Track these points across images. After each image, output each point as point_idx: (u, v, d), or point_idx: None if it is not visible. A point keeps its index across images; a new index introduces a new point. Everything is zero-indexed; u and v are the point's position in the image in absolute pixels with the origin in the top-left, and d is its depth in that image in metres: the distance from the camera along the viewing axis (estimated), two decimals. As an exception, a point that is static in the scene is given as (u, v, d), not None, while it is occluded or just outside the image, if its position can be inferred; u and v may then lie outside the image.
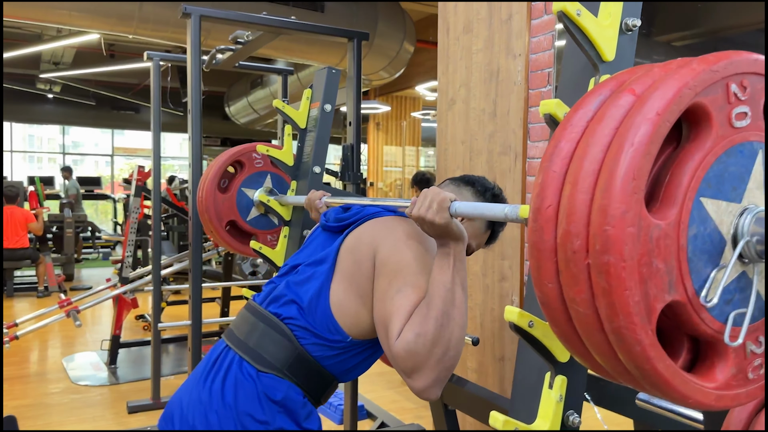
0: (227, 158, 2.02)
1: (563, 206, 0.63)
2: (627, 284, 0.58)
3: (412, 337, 1.02)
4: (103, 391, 4.12)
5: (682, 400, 0.64)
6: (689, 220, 0.63)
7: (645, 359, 0.60)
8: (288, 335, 1.16)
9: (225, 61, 3.59)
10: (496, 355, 2.20)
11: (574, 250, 0.61)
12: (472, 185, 1.33)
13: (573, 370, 0.89)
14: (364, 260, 1.18)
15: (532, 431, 0.86)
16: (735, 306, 0.67)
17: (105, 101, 12.17)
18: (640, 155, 0.59)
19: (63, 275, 7.96)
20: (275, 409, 1.13)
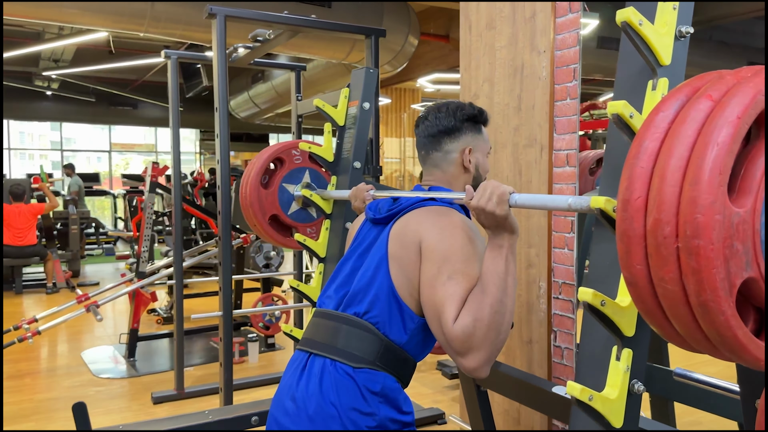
0: (269, 155, 2.11)
1: (652, 198, 0.73)
2: (714, 263, 0.68)
3: (470, 321, 1.12)
4: (125, 383, 4.21)
5: (755, 362, 0.75)
6: (762, 207, 0.73)
7: (727, 327, 0.71)
8: (372, 330, 1.25)
9: (242, 58, 3.66)
10: (523, 338, 2.31)
11: (665, 236, 0.71)
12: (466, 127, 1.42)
13: (637, 344, 1.00)
14: (410, 245, 1.27)
15: (605, 398, 0.96)
16: None
17: (103, 97, 12.17)
18: (725, 153, 0.69)
19: (69, 271, 8.02)
20: (377, 399, 1.22)
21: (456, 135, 1.41)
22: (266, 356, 4.86)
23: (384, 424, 1.23)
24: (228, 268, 2.99)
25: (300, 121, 3.90)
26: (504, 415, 2.42)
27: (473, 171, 1.43)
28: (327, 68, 6.97)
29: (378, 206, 1.45)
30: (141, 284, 4.57)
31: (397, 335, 1.26)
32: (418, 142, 1.47)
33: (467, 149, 1.41)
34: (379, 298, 1.27)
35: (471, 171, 1.43)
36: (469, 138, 1.42)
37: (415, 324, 1.26)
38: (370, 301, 1.27)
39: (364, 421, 1.21)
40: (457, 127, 1.41)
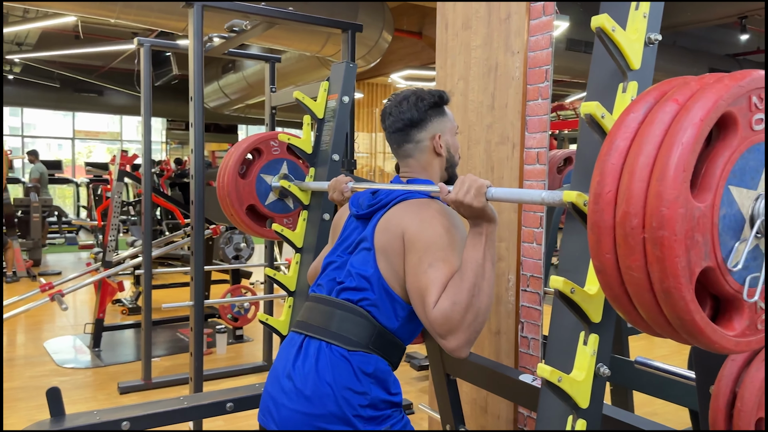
0: (247, 146, 2.13)
1: (622, 192, 0.79)
2: (677, 253, 0.75)
3: (449, 305, 1.19)
4: (89, 373, 4.17)
5: (711, 344, 0.82)
6: (720, 203, 0.80)
7: (687, 312, 0.77)
8: (365, 315, 1.32)
9: (216, 47, 3.65)
10: (492, 329, 2.38)
11: (632, 227, 0.77)
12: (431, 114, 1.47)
13: (603, 330, 1.06)
14: (394, 239, 1.34)
15: (573, 379, 1.03)
16: (750, 271, 0.85)
17: (67, 83, 11.89)
18: (689, 152, 0.75)
19: (30, 260, 7.84)
20: (370, 380, 1.30)
21: (423, 125, 1.47)
22: (234, 348, 4.86)
23: (375, 404, 1.31)
24: (200, 258, 2.99)
25: (274, 112, 3.91)
26: (472, 404, 2.49)
27: (445, 154, 1.50)
28: (300, 60, 6.96)
29: (359, 201, 1.50)
30: (107, 274, 4.51)
31: (389, 321, 1.33)
32: (388, 138, 1.52)
33: (436, 135, 1.47)
34: (371, 288, 1.34)
35: (443, 154, 1.50)
36: (436, 124, 1.48)
37: (405, 311, 1.34)
38: (363, 290, 1.34)
39: (356, 399, 1.28)
40: (422, 118, 1.47)
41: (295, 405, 1.32)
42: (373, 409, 1.32)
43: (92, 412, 1.70)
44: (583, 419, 1.04)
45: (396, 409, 1.38)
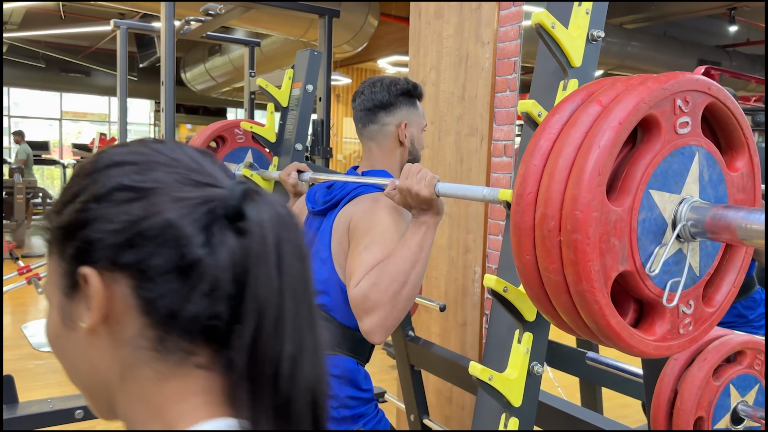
0: (210, 133, 2.10)
1: (541, 194, 0.79)
2: (590, 257, 0.74)
3: (368, 285, 1.16)
4: (66, 357, 4.16)
5: (628, 349, 0.81)
6: (640, 207, 0.79)
7: (601, 316, 0.77)
8: (328, 318, 1.33)
9: (194, 31, 3.62)
10: (458, 321, 2.39)
11: (549, 229, 0.77)
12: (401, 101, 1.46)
13: (538, 329, 1.06)
14: (343, 235, 1.33)
15: (505, 378, 1.02)
16: (672, 276, 0.84)
17: (54, 63, 11.75)
18: (605, 155, 0.74)
19: (14, 242, 7.79)
20: (339, 382, 1.31)
21: (391, 109, 1.45)
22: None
23: (344, 403, 1.32)
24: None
25: (253, 97, 3.87)
26: (437, 394, 2.50)
27: (408, 145, 1.48)
28: (285, 44, 6.90)
29: (315, 197, 1.49)
30: (86, 257, 4.49)
31: (351, 321, 1.31)
32: (355, 116, 1.50)
33: (403, 123, 1.45)
34: (328, 290, 1.34)
35: (406, 145, 1.47)
36: (405, 112, 1.46)
37: None
38: (322, 294, 1.34)
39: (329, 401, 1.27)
40: (392, 102, 1.45)
41: None
42: (345, 409, 1.33)
43: (46, 400, 1.69)
44: (516, 417, 1.04)
45: (369, 405, 1.39)
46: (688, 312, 0.88)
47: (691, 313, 0.89)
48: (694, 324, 0.90)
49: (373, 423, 1.38)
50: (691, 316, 0.89)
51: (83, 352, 0.48)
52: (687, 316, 0.88)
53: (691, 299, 0.88)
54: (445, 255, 2.43)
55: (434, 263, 2.48)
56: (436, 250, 2.47)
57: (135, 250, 0.44)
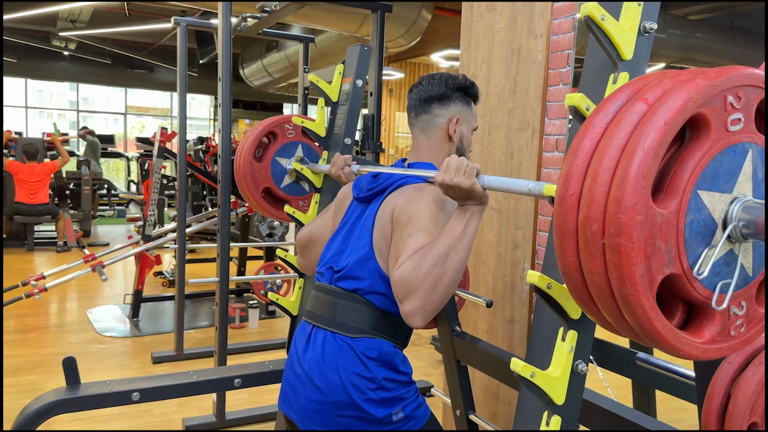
0: (262, 129, 2.15)
1: (584, 195, 0.77)
2: (634, 261, 0.73)
3: (409, 267, 1.16)
4: (127, 342, 4.34)
5: (675, 352, 0.79)
6: (687, 208, 0.77)
7: (646, 320, 0.75)
8: (364, 302, 1.35)
9: (250, 27, 3.69)
10: (506, 317, 2.36)
11: (593, 232, 0.75)
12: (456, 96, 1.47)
13: (583, 327, 1.04)
14: (386, 223, 1.35)
15: (547, 376, 1.01)
16: (722, 277, 0.81)
17: (119, 59, 12.22)
18: (650, 157, 0.72)
19: (80, 231, 8.17)
20: (375, 364, 1.32)
21: (445, 102, 1.46)
22: (266, 323, 4.97)
23: (382, 385, 1.33)
24: (226, 235, 3.06)
25: (306, 93, 3.93)
26: (484, 390, 2.49)
27: (457, 141, 1.48)
28: (339, 40, 6.95)
29: (360, 184, 1.51)
30: (146, 247, 4.67)
31: (388, 305, 1.34)
32: (409, 106, 1.52)
33: (455, 119, 1.46)
34: (368, 276, 1.35)
35: (455, 141, 1.48)
36: (458, 108, 1.47)
37: None
38: (360, 280, 1.35)
39: (365, 384, 1.31)
40: (447, 95, 1.46)
41: (308, 393, 1.36)
42: (383, 391, 1.33)
43: (105, 382, 1.77)
44: (558, 416, 1.03)
45: (408, 389, 1.39)
46: (740, 313, 0.86)
47: (743, 315, 0.86)
48: (746, 325, 0.87)
49: (413, 407, 1.39)
50: (743, 318, 0.86)
51: None
52: (738, 318, 0.85)
53: (743, 300, 0.85)
54: (494, 251, 2.40)
55: (482, 259, 2.46)
56: (485, 246, 2.45)
57: None
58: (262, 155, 2.16)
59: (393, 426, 1.33)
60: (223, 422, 3.05)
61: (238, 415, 3.10)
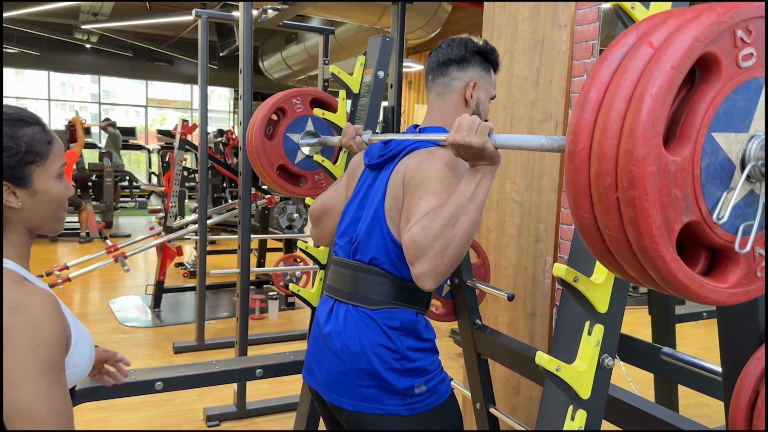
0: (270, 106, 2.11)
1: (594, 149, 0.74)
2: (650, 213, 0.70)
3: (419, 229, 1.15)
4: (149, 332, 4.39)
5: (700, 299, 0.77)
6: (702, 153, 0.74)
7: (667, 270, 0.73)
8: (382, 273, 1.33)
9: (271, 19, 3.69)
10: (527, 311, 2.35)
11: (605, 187, 0.72)
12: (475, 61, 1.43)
13: (609, 321, 1.03)
14: (398, 189, 1.33)
15: (573, 370, 1.00)
16: (744, 219, 0.78)
17: (141, 52, 12.33)
18: (658, 105, 0.68)
19: (103, 222, 8.28)
20: (398, 333, 1.32)
21: (464, 66, 1.43)
22: (286, 314, 5.00)
23: (405, 355, 1.32)
24: (247, 227, 3.08)
25: (326, 85, 3.92)
26: (504, 384, 2.48)
27: (473, 107, 1.44)
28: (359, 32, 6.93)
29: (372, 151, 1.48)
30: (167, 238, 4.71)
31: (405, 273, 1.33)
32: (427, 69, 1.49)
33: (472, 83, 1.43)
34: (381, 244, 1.34)
35: (471, 106, 1.44)
36: (476, 73, 1.44)
37: None
38: (374, 248, 1.34)
39: (388, 354, 1.30)
40: (465, 58, 1.43)
41: (331, 364, 1.36)
42: (407, 361, 1.33)
43: (129, 371, 1.79)
44: (584, 410, 1.02)
45: (433, 360, 1.38)
46: (764, 254, 0.82)
47: None
48: None
49: (436, 381, 1.37)
50: None
51: None
52: (764, 258, 0.82)
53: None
54: (515, 244, 2.39)
55: (503, 252, 2.44)
56: (506, 239, 2.43)
57: None
58: (273, 133, 2.12)
59: (415, 399, 1.32)
60: (243, 412, 3.08)
61: (258, 405, 3.13)
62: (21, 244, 1.00)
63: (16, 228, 1.00)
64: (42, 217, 1.01)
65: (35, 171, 0.99)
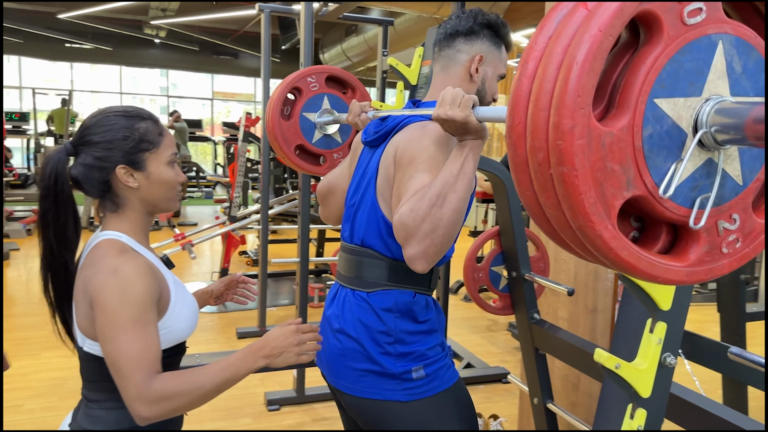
0: (285, 86, 2.10)
1: (529, 123, 0.68)
2: (581, 189, 0.65)
3: (407, 210, 1.11)
4: (214, 317, 4.55)
5: (653, 280, 0.72)
6: (643, 122, 0.67)
7: (608, 249, 0.68)
8: (377, 255, 1.31)
9: (331, 12, 3.73)
10: (588, 306, 2.30)
11: (539, 162, 0.68)
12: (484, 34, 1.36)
13: (672, 318, 1.00)
14: (389, 168, 1.29)
15: (633, 368, 0.98)
16: (702, 191, 0.72)
17: (206, 46, 12.69)
18: (584, 73, 0.63)
19: (170, 212, 8.60)
20: (392, 316, 1.29)
21: (471, 39, 1.36)
22: (344, 303, 5.07)
23: (400, 338, 1.29)
24: (306, 217, 3.14)
25: (385, 76, 3.94)
26: (563, 380, 2.44)
27: (478, 83, 1.38)
28: (418, 22, 6.90)
29: (369, 128, 1.46)
30: (232, 227, 4.86)
31: (398, 253, 1.28)
32: (434, 41, 1.43)
33: (478, 56, 1.35)
34: (373, 225, 1.32)
35: (476, 81, 1.37)
36: (485, 47, 1.37)
37: None
38: (366, 230, 1.33)
39: (382, 338, 1.29)
40: (474, 30, 1.36)
41: (331, 347, 1.36)
42: (401, 345, 1.30)
43: (194, 355, 1.87)
44: (644, 408, 1.00)
45: (431, 345, 1.34)
46: (732, 228, 0.76)
47: (737, 228, 0.76)
48: (742, 240, 0.77)
49: (436, 367, 1.33)
50: (737, 232, 0.76)
51: None
52: (731, 233, 0.76)
53: (735, 213, 0.75)
54: (576, 237, 2.34)
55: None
56: (567, 232, 2.39)
57: None
58: (290, 113, 2.11)
59: (413, 384, 1.29)
60: (302, 397, 3.16)
61: (316, 391, 3.20)
62: (137, 220, 1.17)
63: (134, 206, 1.17)
64: (156, 197, 1.17)
65: (149, 157, 1.15)
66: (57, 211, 1.11)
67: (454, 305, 5.13)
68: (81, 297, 1.10)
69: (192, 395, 1.04)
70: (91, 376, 1.13)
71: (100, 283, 1.05)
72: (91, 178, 1.14)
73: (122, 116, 1.15)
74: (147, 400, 1.01)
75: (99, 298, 1.05)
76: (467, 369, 3.69)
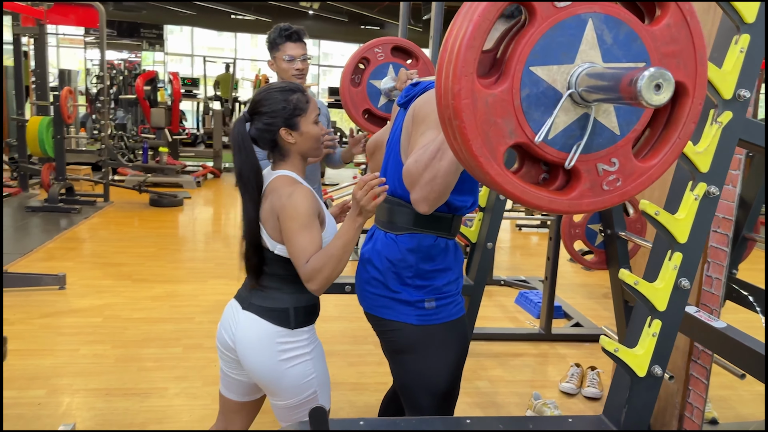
0: (354, 57, 2.38)
1: (441, 87, 0.88)
2: (469, 137, 0.84)
3: (412, 161, 1.29)
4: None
5: (539, 208, 0.91)
6: (521, 85, 0.85)
7: (495, 183, 0.88)
8: (404, 204, 1.51)
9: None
10: (679, 266, 2.46)
11: (447, 118, 0.87)
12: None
13: (688, 250, 1.24)
14: (409, 126, 1.47)
15: (650, 286, 1.24)
16: (578, 140, 0.89)
17: (354, 17, 13.34)
18: (466, 48, 0.81)
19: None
20: (414, 254, 1.52)
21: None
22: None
23: (419, 272, 1.52)
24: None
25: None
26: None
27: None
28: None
29: (404, 92, 1.63)
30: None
31: None
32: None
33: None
34: (399, 177, 1.50)
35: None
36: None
37: None
38: (395, 181, 1.54)
39: (405, 272, 1.53)
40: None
41: (361, 274, 1.62)
42: (419, 278, 1.52)
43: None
44: (659, 320, 1.25)
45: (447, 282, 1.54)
46: (612, 169, 0.92)
47: (617, 170, 0.92)
48: (623, 179, 0.93)
49: (447, 302, 1.55)
50: (617, 173, 0.92)
51: None
52: (610, 174, 0.92)
53: (614, 157, 0.92)
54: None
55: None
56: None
57: None
58: (360, 80, 2.38)
59: (425, 312, 1.52)
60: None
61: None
62: (298, 164, 1.61)
63: (294, 155, 1.60)
64: (307, 148, 1.60)
65: (301, 120, 1.57)
66: (246, 157, 1.55)
67: (575, 272, 5.28)
68: (269, 215, 1.53)
69: (331, 262, 1.46)
70: (279, 271, 1.57)
71: (282, 203, 1.49)
72: (263, 137, 1.58)
73: (280, 92, 1.56)
74: (307, 277, 1.48)
75: (282, 213, 1.49)
76: (575, 327, 3.88)
